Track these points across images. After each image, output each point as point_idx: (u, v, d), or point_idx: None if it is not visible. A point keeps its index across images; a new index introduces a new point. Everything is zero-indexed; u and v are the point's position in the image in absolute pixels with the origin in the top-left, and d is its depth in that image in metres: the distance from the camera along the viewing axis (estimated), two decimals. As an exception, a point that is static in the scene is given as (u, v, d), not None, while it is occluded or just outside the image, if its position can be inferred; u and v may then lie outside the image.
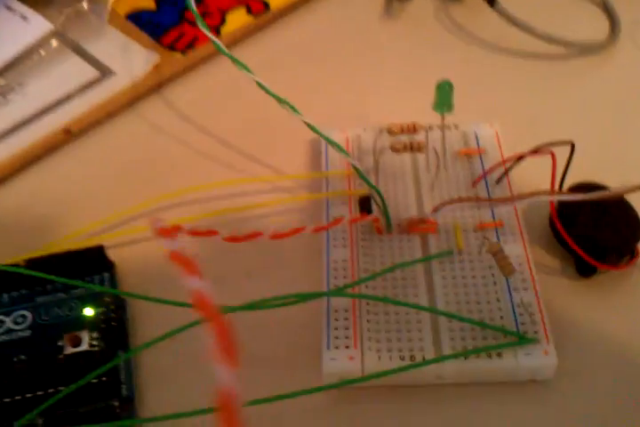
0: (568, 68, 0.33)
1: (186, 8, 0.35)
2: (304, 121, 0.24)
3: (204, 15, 0.34)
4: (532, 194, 0.22)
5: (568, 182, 0.26)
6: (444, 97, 0.25)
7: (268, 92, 0.24)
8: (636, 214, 0.25)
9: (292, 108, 0.24)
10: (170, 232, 0.16)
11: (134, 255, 0.26)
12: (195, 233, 0.19)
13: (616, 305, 0.25)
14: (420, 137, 0.26)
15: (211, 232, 0.20)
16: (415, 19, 0.36)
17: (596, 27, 0.35)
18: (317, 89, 0.32)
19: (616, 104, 0.31)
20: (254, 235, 0.20)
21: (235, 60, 0.24)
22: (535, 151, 0.25)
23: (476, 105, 0.31)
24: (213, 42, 0.24)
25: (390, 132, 0.25)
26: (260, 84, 0.24)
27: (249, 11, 0.34)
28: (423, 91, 0.26)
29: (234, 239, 0.20)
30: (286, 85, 0.32)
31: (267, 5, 0.34)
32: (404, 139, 0.25)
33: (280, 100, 0.24)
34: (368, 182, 0.24)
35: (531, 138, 0.27)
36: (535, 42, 0.33)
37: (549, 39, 0.32)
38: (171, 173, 0.29)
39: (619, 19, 0.35)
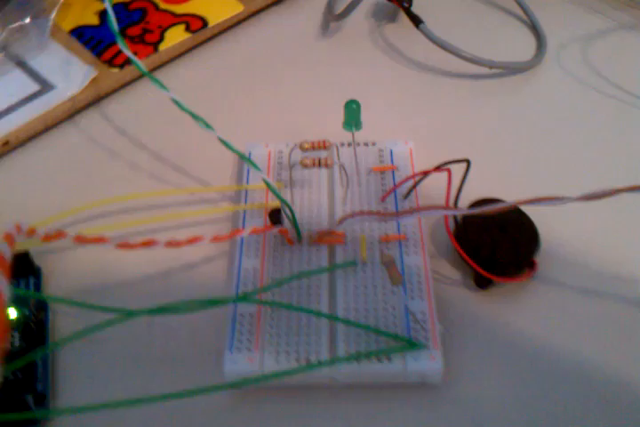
0: (491, 87, 0.35)
1: (129, 24, 0.36)
2: (218, 137, 0.25)
3: (144, 32, 0.36)
4: (424, 208, 0.24)
5: (473, 198, 0.28)
6: (351, 116, 0.26)
7: (182, 108, 0.25)
8: (534, 229, 0.27)
9: (206, 124, 0.25)
10: (54, 237, 0.17)
11: (60, 261, 0.28)
12: (81, 240, 0.20)
13: (511, 314, 0.26)
14: (330, 153, 0.27)
15: (100, 240, 0.21)
16: (349, 37, 0.37)
17: (522, 47, 0.37)
18: (249, 104, 0.34)
19: (535, 124, 0.33)
20: (148, 242, 0.22)
21: (150, 77, 0.25)
22: (438, 168, 0.27)
23: (398, 123, 0.33)
24: (131, 59, 0.26)
25: (302, 148, 0.26)
26: (175, 101, 0.25)
27: (187, 28, 0.36)
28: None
29: (126, 246, 0.21)
30: (219, 101, 0.34)
31: (205, 22, 0.36)
32: (314, 155, 0.26)
33: (195, 117, 0.25)
34: (277, 195, 0.25)
35: (446, 155, 0.28)
36: (461, 62, 0.34)
37: (473, 60, 0.34)
38: (103, 184, 0.31)
39: (545, 40, 0.37)
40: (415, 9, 0.36)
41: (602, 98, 0.34)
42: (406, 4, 0.35)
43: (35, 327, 0.25)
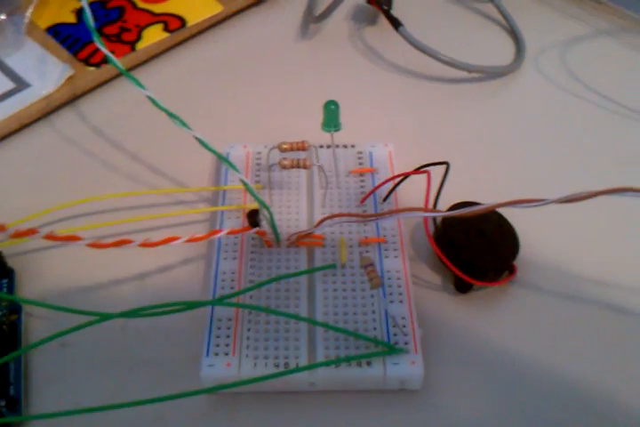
0: (470, 91, 0.35)
1: (106, 23, 0.36)
2: (194, 136, 0.25)
3: (121, 31, 0.35)
4: (403, 210, 0.23)
5: (453, 202, 0.28)
6: (330, 116, 0.26)
7: (158, 106, 0.25)
8: (513, 233, 0.27)
9: (183, 123, 0.25)
10: (24, 234, 0.17)
11: (34, 263, 0.27)
12: (53, 238, 0.20)
13: (491, 319, 0.26)
14: (309, 154, 0.27)
15: (72, 238, 0.20)
16: (329, 39, 0.37)
17: (502, 52, 0.37)
18: (228, 106, 0.34)
19: (514, 128, 0.33)
20: (122, 242, 0.21)
21: (126, 74, 0.25)
22: (417, 170, 0.27)
23: (377, 125, 0.33)
24: (107, 56, 0.25)
25: (280, 149, 0.26)
26: (151, 99, 0.25)
27: (166, 27, 0.35)
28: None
29: (98, 246, 0.21)
30: (198, 102, 0.34)
31: (184, 22, 0.36)
32: (293, 156, 0.26)
33: (171, 116, 0.25)
34: (255, 196, 0.25)
35: (426, 158, 0.28)
36: (440, 65, 0.34)
37: (452, 64, 0.34)
38: (79, 184, 0.30)
39: (524, 44, 0.37)
40: (395, 12, 0.35)
41: (579, 102, 0.34)
42: (386, 7, 0.35)
43: (7, 330, 0.25)
